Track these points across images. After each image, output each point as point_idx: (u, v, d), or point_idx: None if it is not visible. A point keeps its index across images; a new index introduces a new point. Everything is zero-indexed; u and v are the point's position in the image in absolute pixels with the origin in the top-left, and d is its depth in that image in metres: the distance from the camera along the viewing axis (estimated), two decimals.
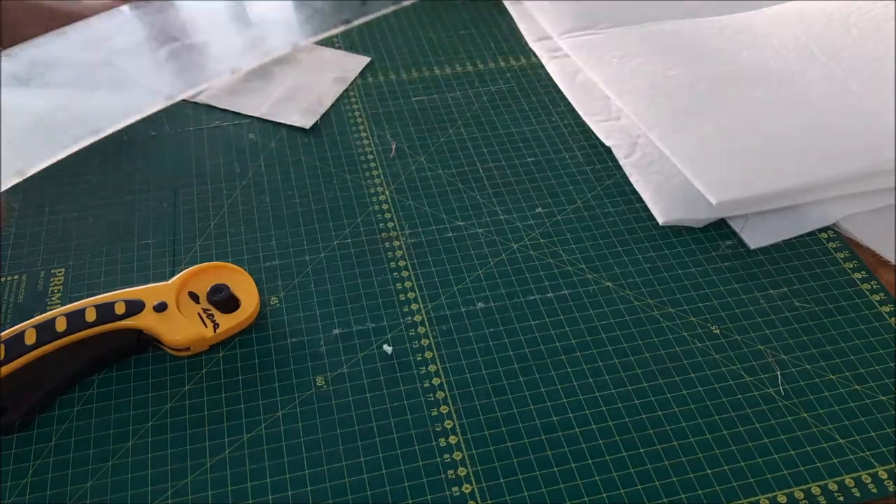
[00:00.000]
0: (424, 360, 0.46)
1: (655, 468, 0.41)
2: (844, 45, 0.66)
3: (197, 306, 0.46)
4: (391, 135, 0.61)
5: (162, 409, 0.43)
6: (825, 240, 0.53)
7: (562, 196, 0.56)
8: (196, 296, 0.46)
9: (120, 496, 0.39)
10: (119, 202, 0.55)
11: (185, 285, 0.46)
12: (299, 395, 0.44)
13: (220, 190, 0.56)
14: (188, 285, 0.46)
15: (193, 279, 0.47)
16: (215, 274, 0.47)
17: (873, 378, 0.45)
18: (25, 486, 0.40)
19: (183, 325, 0.44)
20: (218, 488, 0.40)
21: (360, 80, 0.66)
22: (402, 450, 0.41)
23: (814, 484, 0.40)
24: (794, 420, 0.43)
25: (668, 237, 0.53)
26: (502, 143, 0.60)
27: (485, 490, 0.40)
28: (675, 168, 0.56)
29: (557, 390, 0.44)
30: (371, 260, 0.51)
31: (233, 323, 0.45)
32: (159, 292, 0.45)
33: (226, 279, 0.47)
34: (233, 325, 0.45)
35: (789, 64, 0.64)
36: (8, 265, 0.50)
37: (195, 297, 0.46)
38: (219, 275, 0.47)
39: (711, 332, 0.47)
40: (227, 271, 0.48)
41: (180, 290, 0.46)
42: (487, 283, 0.50)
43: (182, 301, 0.46)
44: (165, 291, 0.46)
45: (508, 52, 0.69)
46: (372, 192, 0.56)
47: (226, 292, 0.46)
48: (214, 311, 0.46)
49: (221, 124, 0.61)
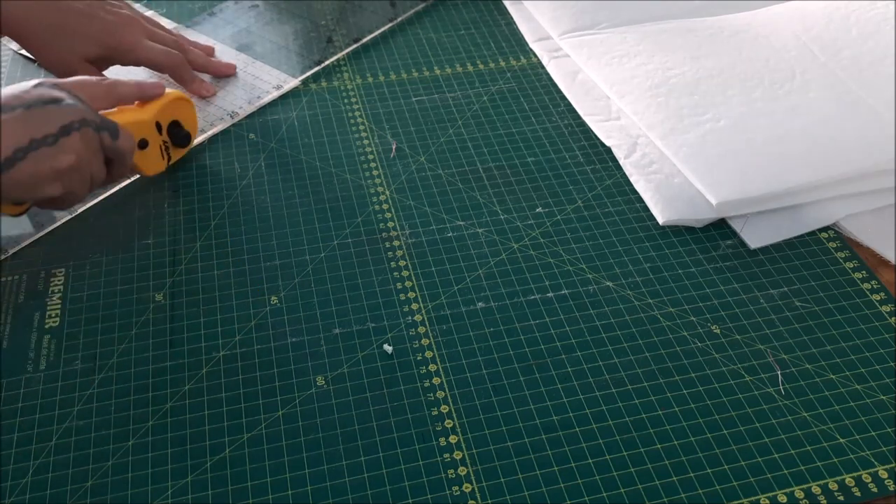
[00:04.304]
0: (424, 359, 0.46)
1: (655, 468, 0.41)
2: (844, 45, 0.66)
3: (159, 138, 0.53)
4: (391, 135, 0.61)
5: (162, 409, 0.43)
6: (825, 240, 0.53)
7: (562, 196, 0.56)
8: (160, 126, 0.53)
9: (120, 496, 0.39)
10: (119, 202, 0.55)
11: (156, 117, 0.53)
12: (299, 395, 0.44)
13: (220, 190, 0.56)
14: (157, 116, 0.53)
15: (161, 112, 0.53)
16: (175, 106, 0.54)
17: (873, 378, 0.45)
18: (25, 486, 0.40)
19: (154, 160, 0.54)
20: (218, 488, 0.40)
21: (361, 80, 0.66)
22: (402, 449, 0.41)
23: (814, 483, 0.40)
24: (795, 419, 0.43)
25: (668, 237, 0.53)
26: (502, 143, 0.60)
27: (485, 489, 0.40)
28: (675, 168, 0.56)
29: (557, 390, 0.44)
30: (371, 260, 0.51)
31: (179, 156, 0.56)
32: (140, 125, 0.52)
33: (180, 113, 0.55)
34: (178, 157, 0.56)
35: (789, 64, 0.64)
36: (8, 265, 0.50)
37: (159, 128, 0.53)
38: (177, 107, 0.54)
39: (711, 331, 0.47)
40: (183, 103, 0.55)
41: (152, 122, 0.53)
42: (487, 282, 0.50)
43: (150, 133, 0.53)
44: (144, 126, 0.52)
45: (508, 52, 0.69)
46: (372, 192, 0.56)
47: (183, 130, 0.55)
48: (171, 145, 0.54)
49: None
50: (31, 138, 0.43)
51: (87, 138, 0.45)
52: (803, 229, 0.53)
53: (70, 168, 0.45)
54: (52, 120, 0.44)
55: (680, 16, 0.71)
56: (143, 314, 0.48)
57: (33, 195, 0.45)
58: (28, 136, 0.42)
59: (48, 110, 0.44)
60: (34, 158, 0.43)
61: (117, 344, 0.46)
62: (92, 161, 0.47)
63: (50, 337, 0.46)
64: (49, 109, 0.44)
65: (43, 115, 0.43)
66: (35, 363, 0.45)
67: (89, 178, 0.47)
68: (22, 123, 0.43)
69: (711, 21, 0.70)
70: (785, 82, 0.62)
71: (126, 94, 0.52)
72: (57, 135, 0.44)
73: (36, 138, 0.43)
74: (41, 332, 0.47)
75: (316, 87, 0.65)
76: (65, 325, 0.47)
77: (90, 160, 0.46)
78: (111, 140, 0.47)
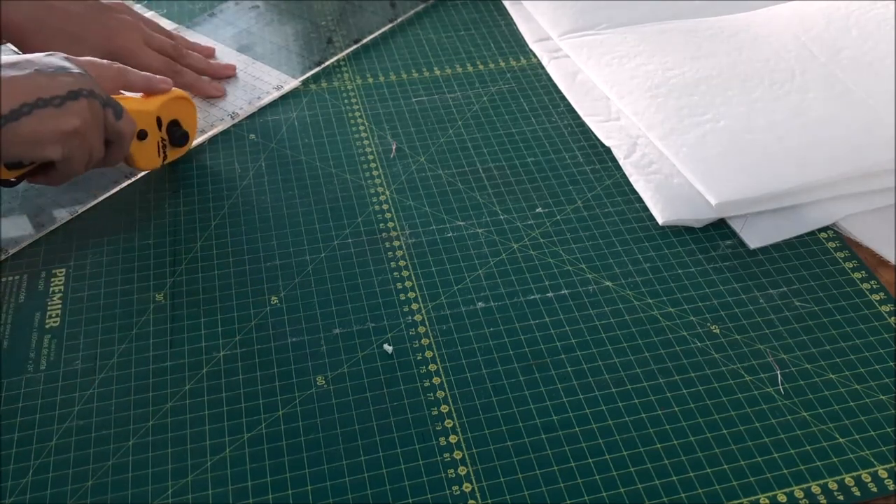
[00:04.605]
0: (424, 359, 0.46)
1: (655, 468, 0.41)
2: (844, 45, 0.66)
3: (158, 133, 0.53)
4: (391, 135, 0.61)
5: (162, 408, 0.43)
6: (825, 240, 0.53)
7: (562, 196, 0.56)
8: (160, 123, 0.53)
9: (120, 496, 0.39)
10: (119, 203, 0.55)
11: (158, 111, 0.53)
12: (299, 394, 0.44)
13: (220, 190, 0.56)
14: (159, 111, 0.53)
15: (163, 107, 0.53)
16: (178, 105, 0.54)
17: (873, 377, 0.45)
18: (25, 486, 0.40)
19: (149, 155, 0.53)
20: (218, 488, 0.40)
21: (361, 80, 0.66)
22: (402, 449, 0.41)
23: (814, 483, 0.40)
24: (794, 419, 0.43)
25: (668, 237, 0.53)
26: (502, 143, 0.60)
27: (485, 489, 0.40)
28: (675, 168, 0.56)
29: (557, 390, 0.44)
30: (371, 260, 0.51)
31: (175, 156, 0.56)
32: (142, 115, 0.52)
33: (182, 113, 0.55)
34: (175, 157, 0.56)
35: (789, 64, 0.64)
36: (8, 265, 0.50)
37: (159, 124, 0.53)
38: (180, 106, 0.55)
39: (711, 331, 0.47)
40: (186, 104, 0.55)
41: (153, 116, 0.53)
42: (487, 283, 0.50)
43: (151, 126, 0.52)
44: (146, 116, 0.52)
45: (508, 52, 0.70)
46: (372, 192, 0.56)
47: (181, 129, 0.54)
48: (168, 143, 0.54)
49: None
50: (39, 97, 0.44)
51: (94, 108, 0.47)
52: (803, 229, 0.53)
53: (74, 131, 0.46)
54: (61, 84, 0.45)
55: (680, 16, 0.71)
56: (143, 314, 0.48)
57: (33, 154, 0.46)
58: (35, 95, 0.44)
59: (58, 76, 0.46)
60: (39, 116, 0.44)
61: (117, 344, 0.46)
62: (94, 132, 0.47)
63: (50, 337, 0.46)
64: (59, 75, 0.46)
65: (53, 79, 0.45)
66: (35, 363, 0.45)
67: (89, 149, 0.48)
68: (32, 81, 0.44)
69: (711, 21, 0.70)
70: (785, 82, 0.62)
71: (135, 81, 0.52)
72: (64, 97, 0.45)
73: (43, 97, 0.44)
74: (41, 332, 0.47)
75: (316, 87, 0.65)
76: (65, 325, 0.47)
77: (93, 130, 0.47)
78: (115, 118, 0.49)
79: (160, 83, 0.53)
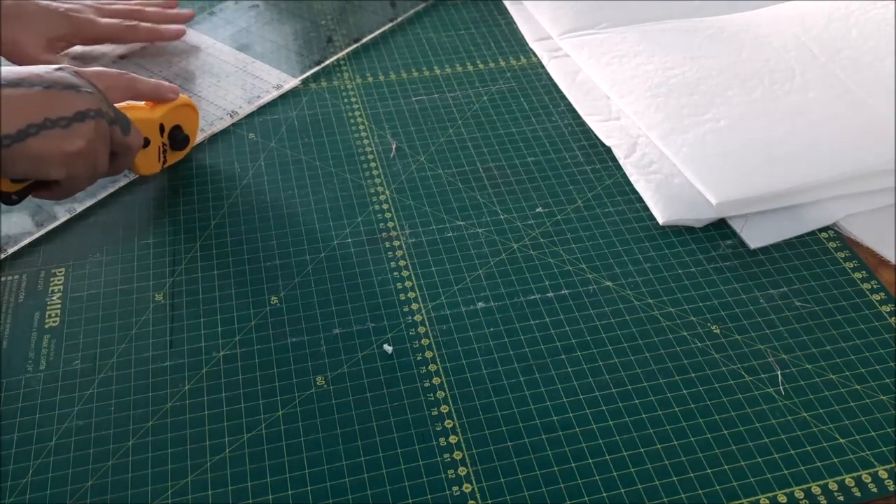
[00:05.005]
0: (424, 359, 0.46)
1: (655, 468, 0.41)
2: (844, 45, 0.66)
3: (160, 139, 0.53)
4: (391, 135, 0.61)
5: (162, 409, 0.43)
6: (825, 240, 0.53)
7: (562, 196, 0.56)
8: (163, 129, 0.53)
9: (120, 496, 0.39)
10: (119, 202, 0.55)
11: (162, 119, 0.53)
12: (299, 395, 0.44)
13: (219, 189, 0.56)
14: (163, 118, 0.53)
15: (168, 114, 0.53)
16: (181, 112, 0.55)
17: (873, 378, 0.45)
18: (25, 486, 0.40)
19: (150, 160, 0.53)
20: (218, 488, 0.40)
21: (360, 79, 0.66)
22: (402, 449, 0.41)
23: (814, 483, 0.40)
24: (795, 419, 0.43)
25: (668, 237, 0.53)
26: (502, 143, 0.60)
27: (485, 489, 0.40)
28: (675, 168, 0.56)
29: (557, 390, 0.44)
30: (371, 260, 0.51)
31: (175, 160, 0.56)
32: (146, 124, 0.52)
33: (184, 119, 0.55)
34: (174, 161, 0.56)
35: (789, 64, 0.64)
36: (7, 265, 0.50)
37: (161, 130, 0.53)
38: (183, 113, 0.55)
39: (711, 331, 0.47)
40: (189, 111, 0.56)
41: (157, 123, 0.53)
42: (487, 282, 0.50)
43: (153, 133, 0.53)
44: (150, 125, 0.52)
45: (508, 52, 0.69)
46: (372, 192, 0.56)
47: (183, 134, 0.54)
48: (168, 148, 0.54)
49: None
50: (46, 117, 0.44)
51: (100, 128, 0.46)
52: (803, 229, 0.53)
53: (78, 153, 0.45)
54: (68, 104, 0.45)
55: (680, 16, 0.71)
56: (143, 314, 0.48)
57: (37, 173, 0.45)
58: (43, 115, 0.44)
59: (66, 94, 0.45)
60: (45, 137, 0.44)
61: (117, 344, 0.46)
62: (99, 151, 0.47)
63: (50, 337, 0.46)
64: (67, 94, 0.45)
65: (60, 98, 0.45)
66: (35, 363, 0.45)
67: (93, 166, 0.47)
68: (39, 101, 0.44)
69: (711, 21, 0.70)
70: (785, 82, 0.62)
71: (144, 91, 0.52)
72: (71, 119, 0.45)
73: (50, 118, 0.44)
74: (41, 332, 0.47)
75: (316, 86, 0.65)
76: (65, 325, 0.47)
77: (98, 150, 0.47)
78: (122, 134, 0.48)
79: (168, 92, 0.53)
